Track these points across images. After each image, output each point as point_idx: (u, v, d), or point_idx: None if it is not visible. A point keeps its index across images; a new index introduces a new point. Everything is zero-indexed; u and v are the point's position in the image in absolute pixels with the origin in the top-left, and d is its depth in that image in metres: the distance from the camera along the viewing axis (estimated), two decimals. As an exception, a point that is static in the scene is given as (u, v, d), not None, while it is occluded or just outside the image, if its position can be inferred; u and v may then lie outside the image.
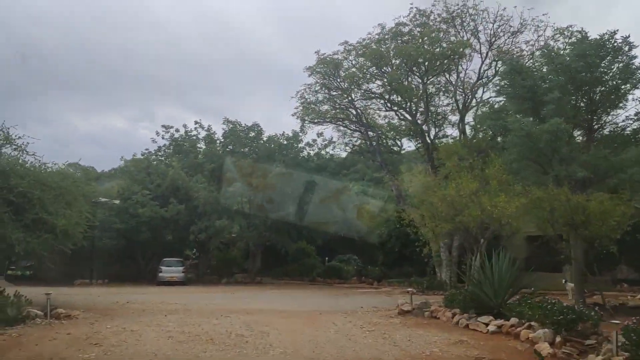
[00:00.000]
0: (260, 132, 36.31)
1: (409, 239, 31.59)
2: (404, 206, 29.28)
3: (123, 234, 33.64)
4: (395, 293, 26.61)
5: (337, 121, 30.18)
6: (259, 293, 26.31)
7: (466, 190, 14.80)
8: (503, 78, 18.75)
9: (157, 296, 23.11)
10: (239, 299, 22.22)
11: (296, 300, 21.73)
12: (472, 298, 13.54)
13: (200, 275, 37.62)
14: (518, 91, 16.84)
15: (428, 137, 27.63)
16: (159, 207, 33.77)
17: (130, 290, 27.80)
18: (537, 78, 16.79)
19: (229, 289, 29.59)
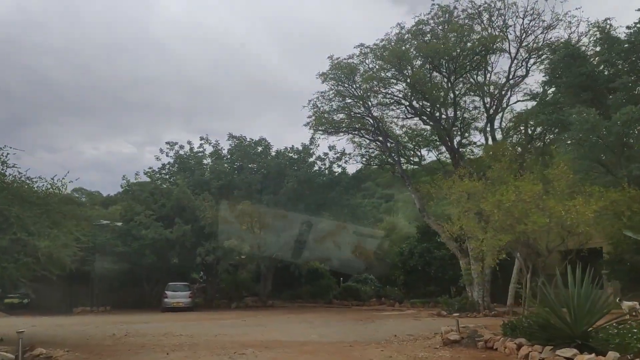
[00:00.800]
0: (268, 146, 33.94)
1: (433, 256, 29.04)
2: (427, 220, 26.67)
3: (126, 257, 31.09)
4: (422, 316, 23.88)
5: (352, 131, 27.72)
6: (273, 319, 23.61)
7: (528, 194, 12.24)
8: (555, 66, 16.32)
9: (161, 325, 20.48)
10: (252, 327, 19.54)
11: (316, 327, 19.04)
12: (542, 325, 10.87)
13: (208, 300, 34.93)
14: (574, 80, 14.44)
15: (453, 143, 25.08)
16: (164, 228, 31.29)
17: (133, 318, 25.16)
18: (599, 63, 14.36)
19: (239, 315, 26.90)
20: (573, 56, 14.97)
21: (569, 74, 14.79)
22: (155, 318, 25.14)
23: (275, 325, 20.31)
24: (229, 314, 27.50)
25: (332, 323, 20.70)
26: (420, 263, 29.15)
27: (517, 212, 12.25)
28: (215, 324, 20.97)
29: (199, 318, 24.78)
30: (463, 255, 24.92)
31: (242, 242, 30.40)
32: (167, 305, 30.26)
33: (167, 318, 25.11)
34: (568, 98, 15.42)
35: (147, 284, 34.50)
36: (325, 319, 23.25)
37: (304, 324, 20.41)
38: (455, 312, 23.34)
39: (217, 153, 34.23)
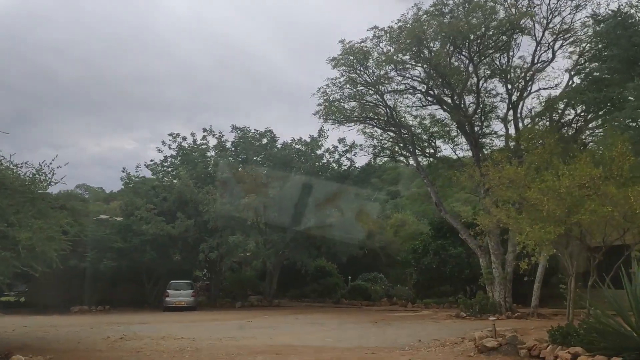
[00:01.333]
0: (273, 138, 32.26)
1: (448, 254, 27.38)
2: (444, 215, 24.99)
3: (126, 254, 29.46)
4: (440, 318, 22.21)
5: (364, 121, 26.01)
6: (281, 320, 21.99)
7: (585, 177, 10.52)
8: (602, 38, 14.64)
9: (161, 327, 18.88)
10: (260, 329, 17.91)
11: (330, 330, 17.40)
12: (603, 332, 9.20)
13: (211, 299, 33.31)
14: (626, 53, 12.76)
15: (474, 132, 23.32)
16: (165, 223, 29.66)
17: (132, 318, 23.56)
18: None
19: (244, 315, 25.28)
20: (624, 26, 13.31)
21: (619, 46, 13.14)
22: (155, 318, 23.53)
23: (284, 327, 18.67)
24: (234, 314, 25.88)
25: (346, 325, 19.04)
26: (435, 261, 27.46)
27: (570, 200, 10.57)
28: (219, 326, 19.35)
29: (202, 318, 23.17)
30: (483, 253, 23.22)
31: (248, 237, 28.77)
32: (168, 305, 28.66)
33: (168, 318, 23.50)
34: (618, 74, 13.79)
35: (148, 282, 32.87)
36: (337, 320, 21.61)
37: (315, 326, 18.77)
38: (476, 314, 21.66)
39: (221, 145, 32.59)
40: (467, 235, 24.04)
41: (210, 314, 26.03)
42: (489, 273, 22.68)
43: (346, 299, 33.43)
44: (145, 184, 32.12)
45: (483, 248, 23.33)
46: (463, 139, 25.46)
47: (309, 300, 35.07)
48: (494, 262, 22.60)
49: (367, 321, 20.87)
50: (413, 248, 29.32)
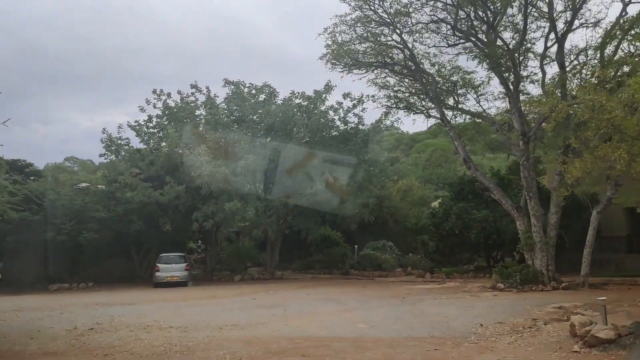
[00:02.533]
0: (272, 93, 28.32)
1: (472, 217, 23.97)
2: (474, 172, 21.45)
3: (109, 224, 25.83)
4: (474, 290, 18.90)
5: (380, 66, 22.20)
6: (289, 296, 18.60)
7: None
8: None
9: (147, 309, 15.40)
10: (267, 309, 14.47)
11: (353, 310, 14.00)
12: None
13: (207, 272, 29.86)
14: None
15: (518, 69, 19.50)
16: (153, 189, 25.96)
17: (116, 297, 20.09)
18: None
19: (245, 290, 21.88)
20: None
21: None
22: (143, 297, 20.04)
23: (296, 305, 15.22)
24: (233, 289, 22.45)
25: (370, 303, 15.64)
26: (457, 226, 24.05)
27: None
28: (218, 306, 15.88)
29: (198, 296, 19.69)
30: (520, 215, 19.79)
31: (246, 204, 25.15)
32: (159, 280, 25.17)
33: (158, 297, 20.02)
34: None
35: (136, 256, 29.38)
36: (355, 295, 18.22)
37: (333, 304, 15.33)
38: (517, 285, 18.33)
39: (211, 102, 28.56)
40: (501, 195, 20.62)
41: (206, 290, 22.60)
42: (529, 238, 19.28)
43: (355, 270, 30.09)
44: (130, 147, 28.28)
45: (520, 209, 19.88)
46: (490, 87, 21.90)
47: (314, 271, 31.71)
48: (535, 225, 19.19)
49: (390, 296, 17.47)
50: (432, 212, 25.85)
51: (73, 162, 78.24)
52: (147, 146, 28.85)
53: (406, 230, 36.21)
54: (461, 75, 23.11)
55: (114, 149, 27.96)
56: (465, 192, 25.88)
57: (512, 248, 23.51)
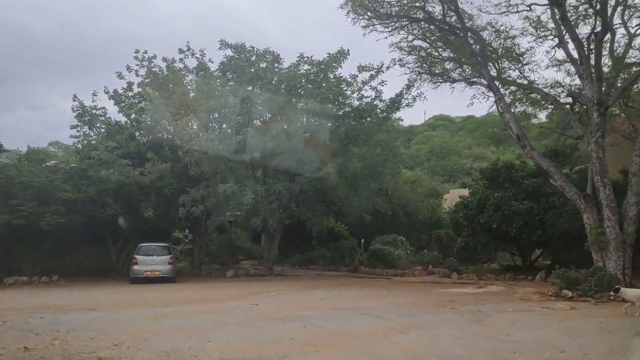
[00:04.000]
0: (277, 59, 23.82)
1: (513, 209, 19.90)
2: (531, 153, 17.24)
3: (79, 207, 21.37)
4: (532, 297, 14.83)
5: (412, 21, 17.94)
6: (299, 301, 14.43)
7: None
8: None
9: (110, 319, 11.13)
10: (278, 325, 10.29)
11: (401, 328, 9.85)
12: None
13: (195, 266, 25.49)
14: None
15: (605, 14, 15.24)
16: (132, 167, 21.54)
17: (79, 297, 15.80)
18: None
19: (241, 289, 17.64)
20: None
21: None
22: (114, 298, 15.70)
23: (316, 319, 10.98)
24: (227, 289, 18.17)
25: (416, 317, 11.45)
26: (495, 219, 19.95)
27: None
28: (209, 315, 11.60)
29: (183, 298, 15.37)
30: (589, 206, 15.67)
31: (244, 187, 20.79)
32: (137, 275, 20.83)
33: (133, 297, 15.70)
34: None
35: (113, 245, 24.90)
36: (383, 301, 14.09)
37: (366, 318, 11.14)
38: (591, 293, 14.22)
39: (203, 67, 23.95)
40: (563, 182, 16.51)
41: (194, 289, 18.28)
42: (600, 234, 15.18)
43: (365, 267, 25.91)
44: (106, 118, 23.78)
45: (589, 199, 15.77)
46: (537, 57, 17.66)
47: (316, 267, 27.51)
48: (609, 219, 15.12)
49: (433, 304, 13.31)
50: (463, 203, 21.60)
51: (57, 147, 73.36)
52: (127, 118, 24.32)
53: (418, 223, 32.20)
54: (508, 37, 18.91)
55: (88, 119, 23.41)
56: (500, 180, 21.75)
57: (562, 246, 19.46)
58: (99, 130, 23.76)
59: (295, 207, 23.71)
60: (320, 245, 29.04)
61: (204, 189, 21.96)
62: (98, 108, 23.75)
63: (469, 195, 21.93)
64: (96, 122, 23.52)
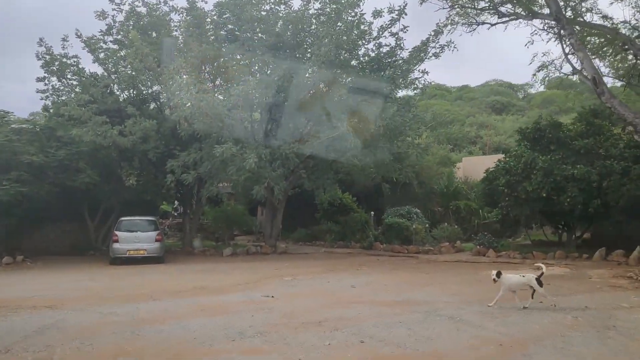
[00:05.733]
0: (282, 1, 19.87)
1: (567, 175, 16.57)
2: (611, 101, 13.68)
3: (46, 174, 17.70)
4: (618, 282, 11.47)
5: None
6: (325, 290, 11.13)
7: None
8: None
9: (69, 321, 7.70)
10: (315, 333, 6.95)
11: (519, 348, 6.31)
12: None
13: (186, 242, 21.92)
14: None
15: None
16: (110, 126, 17.75)
17: (38, 285, 12.26)
18: None
19: (247, 274, 14.17)
20: None
21: None
22: (84, 287, 12.13)
23: (370, 323, 7.52)
24: (228, 272, 14.70)
25: (503, 313, 8.10)
26: (546, 186, 16.60)
27: None
28: (214, 316, 8.14)
29: (175, 287, 11.82)
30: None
31: (244, 149, 17.10)
32: (118, 255, 17.24)
33: (109, 286, 12.13)
34: None
35: (90, 219, 21.25)
36: (436, 290, 10.80)
37: (443, 321, 7.75)
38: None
39: (194, 6, 19.79)
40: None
41: (187, 272, 14.76)
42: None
43: (381, 243, 22.53)
44: (79, 68, 19.79)
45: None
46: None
47: (323, 244, 24.11)
48: None
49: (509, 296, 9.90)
50: (505, 168, 18.13)
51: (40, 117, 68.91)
52: (103, 69, 20.36)
53: (433, 194, 28.83)
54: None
55: (57, 69, 19.40)
56: (545, 141, 18.34)
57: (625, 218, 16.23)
58: (70, 82, 19.79)
59: (304, 174, 20.07)
60: (326, 219, 25.62)
61: (196, 152, 18.31)
62: (69, 57, 19.72)
63: (511, 158, 18.43)
64: (67, 73, 19.52)
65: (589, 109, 19.76)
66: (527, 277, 8.66)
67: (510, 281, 8.67)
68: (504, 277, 8.64)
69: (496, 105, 67.04)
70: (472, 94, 75.41)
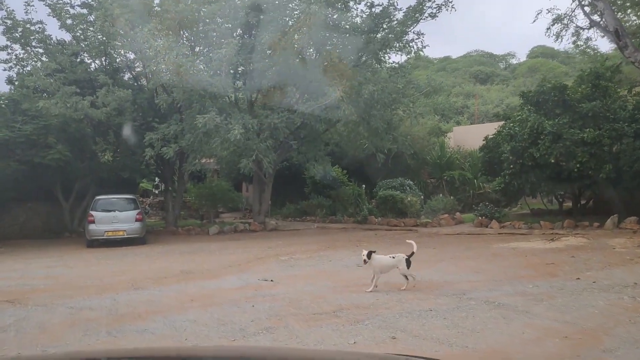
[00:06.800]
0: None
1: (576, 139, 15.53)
2: (635, 54, 12.47)
3: (13, 151, 16.03)
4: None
5: None
6: (328, 269, 10.03)
7: None
8: None
9: (29, 322, 6.38)
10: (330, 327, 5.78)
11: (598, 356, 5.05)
12: None
13: (170, 223, 20.47)
14: None
15: None
16: (81, 97, 16.07)
17: (1, 272, 10.80)
18: None
19: (238, 254, 12.89)
20: None
21: None
22: (56, 274, 10.74)
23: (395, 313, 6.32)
24: (217, 252, 13.41)
25: (550, 293, 6.96)
26: (554, 151, 15.50)
27: None
28: (207, 308, 6.86)
29: (160, 272, 10.49)
30: None
31: (228, 120, 15.61)
32: (94, 236, 15.77)
33: (84, 273, 10.75)
34: None
35: (64, 199, 19.68)
36: (450, 265, 9.61)
37: (483, 310, 6.44)
38: None
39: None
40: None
41: (172, 254, 13.41)
42: None
43: (375, 216, 21.38)
44: (45, 35, 17.94)
45: None
46: None
47: (314, 219, 22.85)
48: None
49: (541, 273, 8.81)
50: (510, 134, 16.93)
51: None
52: (71, 36, 18.52)
53: (425, 165, 27.71)
54: None
55: (19, 35, 17.53)
56: (550, 105, 17.19)
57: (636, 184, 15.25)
58: (36, 51, 17.96)
59: (296, 146, 18.65)
60: (315, 193, 24.34)
61: (177, 124, 16.77)
62: (34, 22, 17.85)
63: (515, 124, 17.25)
64: (31, 41, 17.66)
65: (591, 71, 18.61)
66: (397, 257, 7.71)
67: (381, 263, 7.59)
68: (374, 259, 7.51)
69: (480, 76, 66.20)
70: (454, 65, 74.30)
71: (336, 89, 16.21)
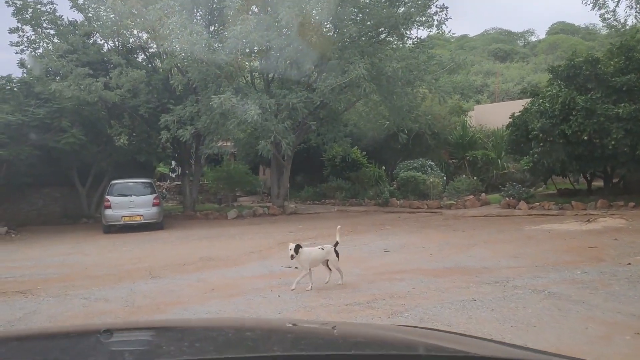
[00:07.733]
0: None
1: (610, 115, 14.71)
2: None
3: (23, 135, 15.66)
4: None
5: None
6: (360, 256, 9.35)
7: None
8: None
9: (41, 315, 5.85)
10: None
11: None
12: None
13: (188, 206, 20.07)
14: None
15: None
16: (94, 79, 15.59)
17: (16, 260, 10.47)
18: None
19: (259, 239, 12.41)
20: None
21: None
22: (71, 262, 10.35)
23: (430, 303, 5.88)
24: (237, 237, 12.95)
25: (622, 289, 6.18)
26: (587, 128, 14.70)
27: None
28: (233, 299, 6.35)
29: (178, 259, 10.05)
30: None
31: (245, 100, 15.02)
32: (111, 222, 15.41)
33: (100, 260, 10.36)
34: None
35: (81, 184, 19.38)
36: (487, 251, 9.06)
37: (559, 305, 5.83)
38: None
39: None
40: None
41: (191, 239, 12.97)
42: None
43: (397, 199, 20.75)
44: (55, 15, 17.47)
45: None
46: None
47: (333, 202, 22.29)
48: None
49: (588, 258, 8.16)
50: (538, 110, 16.13)
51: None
52: (83, 16, 18.01)
53: (447, 145, 26.86)
54: None
55: (30, 17, 17.06)
56: (581, 79, 16.28)
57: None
58: (47, 32, 17.50)
59: (315, 127, 18.01)
60: (334, 175, 23.74)
61: (192, 106, 16.24)
62: (44, 3, 17.36)
63: (544, 99, 16.42)
64: (42, 22, 17.20)
65: (622, 44, 17.62)
66: (326, 248, 6.95)
67: (311, 256, 6.81)
68: (303, 252, 6.74)
69: (499, 53, 64.62)
70: (472, 43, 72.71)
71: (357, 66, 15.53)
